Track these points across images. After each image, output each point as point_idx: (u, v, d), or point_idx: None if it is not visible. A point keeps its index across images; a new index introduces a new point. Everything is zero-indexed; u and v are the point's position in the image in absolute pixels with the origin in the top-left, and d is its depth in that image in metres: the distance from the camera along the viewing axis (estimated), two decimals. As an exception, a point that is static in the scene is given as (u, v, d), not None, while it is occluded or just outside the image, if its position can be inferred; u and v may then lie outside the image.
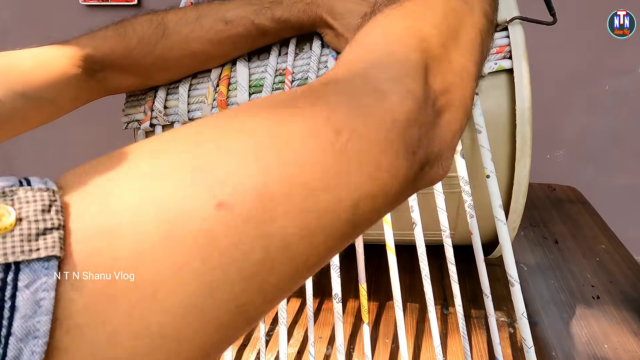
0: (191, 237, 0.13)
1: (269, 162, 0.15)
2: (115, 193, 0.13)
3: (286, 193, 0.15)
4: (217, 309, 0.14)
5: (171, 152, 0.15)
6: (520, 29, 0.42)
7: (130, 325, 0.12)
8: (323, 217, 0.16)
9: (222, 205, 0.14)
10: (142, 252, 0.13)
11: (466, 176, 0.42)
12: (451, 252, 0.42)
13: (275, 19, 0.43)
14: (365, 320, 0.43)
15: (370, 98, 0.18)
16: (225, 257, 0.14)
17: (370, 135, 0.17)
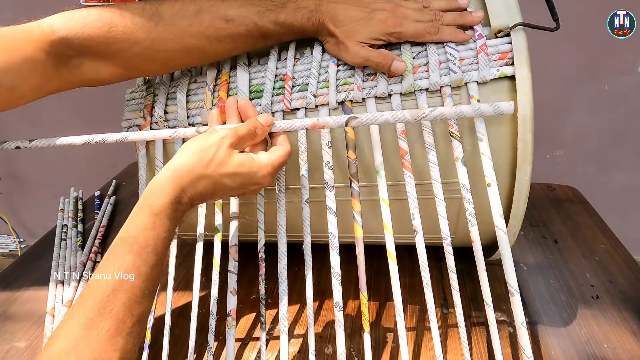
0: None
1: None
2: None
3: None
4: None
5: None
6: (522, 35, 0.42)
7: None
8: None
9: None
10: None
11: (467, 184, 0.41)
12: (452, 261, 0.42)
13: (278, 23, 0.43)
14: (366, 329, 0.43)
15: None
16: None
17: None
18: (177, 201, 0.36)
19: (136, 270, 0.33)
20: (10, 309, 0.59)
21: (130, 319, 0.31)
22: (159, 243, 0.34)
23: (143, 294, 0.33)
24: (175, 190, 0.36)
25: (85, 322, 0.30)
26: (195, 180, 0.37)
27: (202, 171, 0.37)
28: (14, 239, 1.59)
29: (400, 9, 0.43)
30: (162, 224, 0.35)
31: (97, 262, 0.66)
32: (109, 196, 0.85)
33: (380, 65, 0.42)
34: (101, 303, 0.31)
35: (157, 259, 0.34)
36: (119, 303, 0.31)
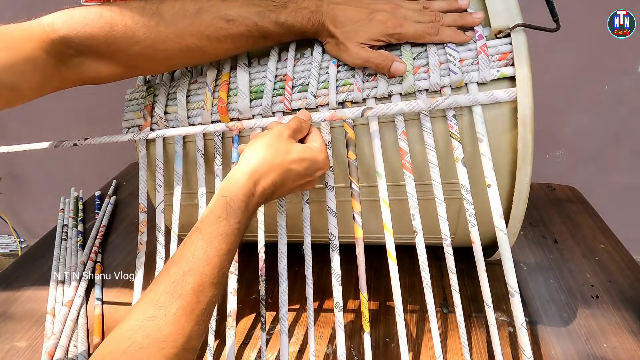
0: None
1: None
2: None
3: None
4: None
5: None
6: (523, 36, 0.42)
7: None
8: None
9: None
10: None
11: (467, 185, 0.42)
12: (452, 261, 0.42)
13: (279, 23, 0.43)
14: (367, 330, 0.43)
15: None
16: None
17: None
18: (250, 193, 0.37)
19: (206, 257, 0.34)
20: (10, 308, 0.59)
21: (198, 305, 0.32)
22: (230, 233, 0.35)
23: (212, 282, 0.33)
24: (248, 182, 0.38)
25: (156, 302, 0.31)
26: (268, 171, 0.39)
27: (272, 161, 0.39)
28: (15, 238, 1.60)
29: (400, 10, 0.43)
30: (235, 215, 0.36)
31: (97, 262, 0.67)
32: (109, 196, 0.85)
33: (380, 66, 0.42)
34: (172, 286, 0.32)
35: (227, 248, 0.35)
36: (188, 288, 0.32)
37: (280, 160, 0.39)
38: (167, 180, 0.52)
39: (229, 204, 0.36)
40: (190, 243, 0.34)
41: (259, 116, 0.47)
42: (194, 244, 0.34)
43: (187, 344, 0.30)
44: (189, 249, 0.34)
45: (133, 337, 0.29)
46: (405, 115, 0.44)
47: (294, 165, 0.40)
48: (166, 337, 0.30)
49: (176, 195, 0.50)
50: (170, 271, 0.33)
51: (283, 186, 0.40)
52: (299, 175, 0.41)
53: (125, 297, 0.60)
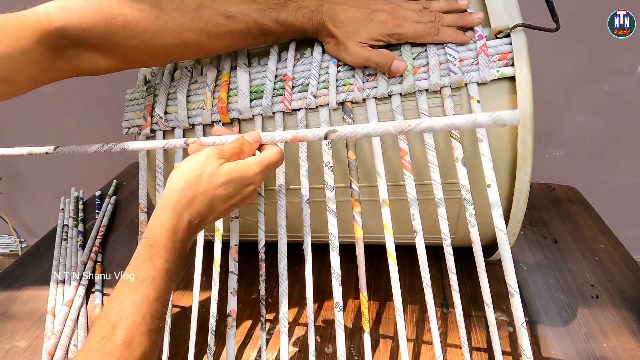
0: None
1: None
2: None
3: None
4: None
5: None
6: (522, 36, 0.42)
7: None
8: None
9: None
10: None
11: (467, 185, 0.42)
12: (452, 262, 0.42)
13: (279, 22, 0.42)
14: (366, 330, 0.43)
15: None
16: None
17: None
18: (173, 230, 0.35)
19: (134, 306, 0.32)
20: (10, 308, 0.59)
21: (131, 358, 0.31)
22: (156, 276, 0.34)
23: (143, 331, 0.32)
24: (170, 219, 0.35)
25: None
26: (189, 202, 0.36)
27: (194, 190, 0.36)
28: (15, 238, 1.60)
29: (400, 10, 0.43)
30: (159, 255, 0.34)
31: (97, 262, 0.67)
32: (109, 196, 0.85)
33: (380, 64, 0.42)
34: (101, 343, 0.31)
35: (155, 293, 0.33)
36: (118, 342, 0.31)
37: (204, 187, 0.36)
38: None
39: (153, 245, 0.34)
40: (118, 293, 0.33)
41: (259, 116, 0.47)
42: (121, 293, 0.33)
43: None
44: (117, 299, 0.33)
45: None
46: (405, 115, 0.44)
47: (220, 190, 0.37)
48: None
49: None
50: (98, 326, 0.32)
51: (211, 212, 0.38)
52: (226, 197, 0.38)
53: (126, 297, 0.60)
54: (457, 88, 0.43)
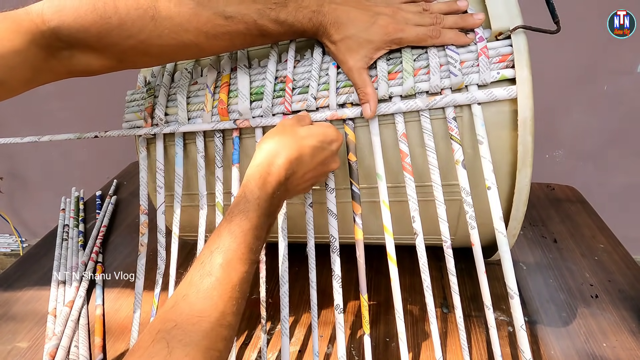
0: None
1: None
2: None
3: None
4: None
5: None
6: (523, 38, 0.41)
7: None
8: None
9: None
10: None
11: (467, 187, 0.42)
12: (452, 263, 0.42)
13: (279, 22, 0.42)
14: (367, 332, 0.44)
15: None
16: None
17: None
18: (266, 171, 0.38)
19: (230, 233, 0.34)
20: (12, 309, 0.59)
21: (229, 281, 0.32)
22: (250, 209, 0.36)
23: (239, 257, 0.34)
24: (263, 161, 0.38)
25: (189, 282, 0.32)
26: (280, 149, 0.39)
27: (282, 139, 0.39)
28: (16, 238, 1.60)
29: (400, 13, 0.43)
30: (252, 192, 0.37)
31: (98, 262, 0.67)
32: (110, 196, 0.85)
33: (358, 96, 0.44)
34: (201, 266, 0.33)
35: (249, 224, 0.35)
36: (217, 265, 0.33)
37: (290, 136, 0.39)
38: (168, 181, 0.53)
39: (246, 185, 0.37)
40: (217, 229, 0.36)
41: (260, 118, 0.47)
42: (220, 227, 0.35)
43: (221, 320, 0.31)
44: (216, 233, 0.35)
45: (168, 316, 0.30)
46: (405, 117, 0.44)
47: (306, 140, 0.40)
48: (199, 312, 0.30)
49: (177, 196, 0.51)
50: (201, 254, 0.34)
51: (301, 163, 0.40)
52: (314, 149, 0.40)
53: (126, 298, 0.60)
54: (458, 90, 0.43)
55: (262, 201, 0.37)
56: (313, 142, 0.40)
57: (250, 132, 0.49)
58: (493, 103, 0.42)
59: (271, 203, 0.38)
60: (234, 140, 0.49)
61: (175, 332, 0.29)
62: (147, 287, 0.52)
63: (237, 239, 0.34)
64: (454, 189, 0.45)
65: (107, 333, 0.54)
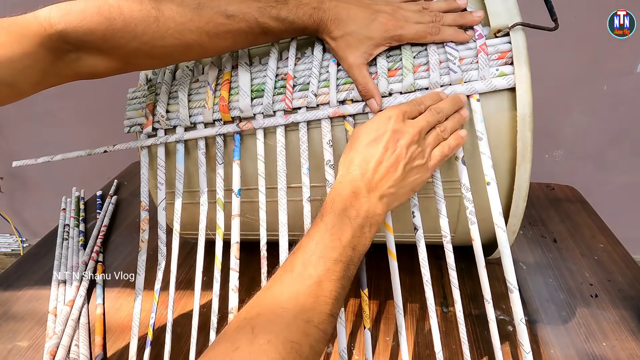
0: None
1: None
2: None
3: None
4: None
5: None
6: (522, 35, 0.42)
7: None
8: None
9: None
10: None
11: (467, 183, 0.42)
12: (452, 258, 0.42)
13: (280, 19, 0.42)
14: (367, 326, 0.44)
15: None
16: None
17: None
18: (355, 191, 0.39)
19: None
20: (12, 308, 0.59)
21: (308, 277, 0.34)
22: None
23: (321, 256, 0.35)
24: (352, 177, 0.39)
25: (275, 275, 0.35)
26: (369, 158, 0.40)
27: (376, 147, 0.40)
28: (16, 238, 1.60)
29: (400, 12, 0.43)
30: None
31: (98, 262, 0.67)
32: (110, 196, 0.85)
33: (360, 93, 0.44)
34: (287, 262, 0.36)
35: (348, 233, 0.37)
36: (299, 262, 0.35)
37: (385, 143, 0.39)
38: (169, 178, 0.53)
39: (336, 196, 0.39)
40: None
41: (260, 115, 0.47)
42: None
43: (302, 314, 0.32)
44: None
45: (253, 305, 0.33)
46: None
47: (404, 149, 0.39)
48: (282, 303, 0.32)
49: (178, 192, 0.51)
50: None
51: (394, 172, 0.39)
52: (410, 156, 0.40)
53: (127, 297, 0.60)
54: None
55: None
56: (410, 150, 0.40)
57: (252, 130, 0.49)
58: (492, 100, 0.43)
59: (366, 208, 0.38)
60: (234, 137, 0.49)
61: (259, 320, 0.31)
62: (147, 283, 0.53)
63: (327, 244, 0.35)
64: (454, 185, 0.45)
65: (108, 332, 0.54)
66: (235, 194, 0.48)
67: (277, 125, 0.47)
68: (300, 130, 0.47)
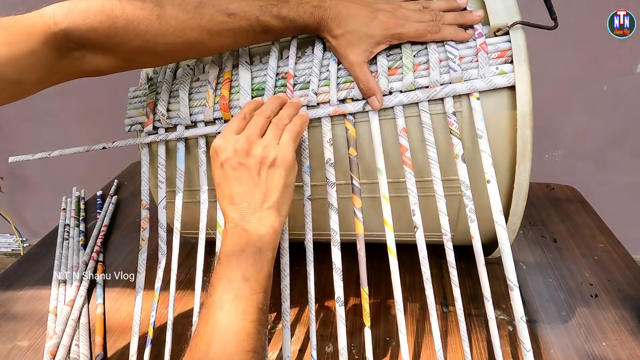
0: None
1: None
2: None
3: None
4: None
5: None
6: (521, 34, 0.42)
7: None
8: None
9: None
10: None
11: (467, 181, 0.42)
12: (452, 256, 0.42)
13: (280, 17, 0.42)
14: (367, 324, 0.44)
15: None
16: None
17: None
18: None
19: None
20: (12, 308, 0.59)
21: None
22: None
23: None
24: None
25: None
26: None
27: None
28: (17, 238, 1.60)
29: (401, 10, 0.43)
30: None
31: (99, 262, 0.67)
32: (110, 196, 0.86)
33: (362, 90, 0.44)
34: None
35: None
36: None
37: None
38: (169, 177, 0.53)
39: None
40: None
41: None
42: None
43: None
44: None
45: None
46: (405, 112, 0.44)
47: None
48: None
49: (178, 192, 0.51)
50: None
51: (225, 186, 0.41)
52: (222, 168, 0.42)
53: (127, 297, 0.60)
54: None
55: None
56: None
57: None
58: (492, 98, 0.43)
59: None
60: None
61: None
62: (147, 283, 0.53)
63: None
64: (454, 184, 0.45)
65: (108, 332, 0.54)
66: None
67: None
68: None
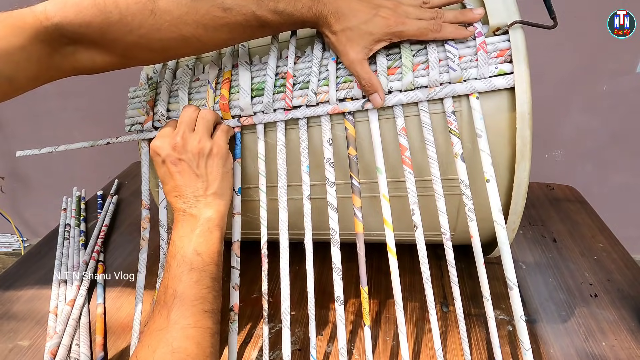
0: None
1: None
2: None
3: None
4: None
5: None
6: (521, 33, 0.42)
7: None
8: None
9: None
10: None
11: (467, 180, 0.42)
12: (451, 255, 0.42)
13: (278, 12, 0.41)
14: (367, 323, 0.44)
15: None
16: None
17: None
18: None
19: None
20: (13, 307, 0.59)
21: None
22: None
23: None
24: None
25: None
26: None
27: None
28: (17, 237, 1.60)
29: (401, 7, 0.43)
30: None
31: (99, 261, 0.67)
32: (111, 195, 0.86)
33: (363, 88, 0.43)
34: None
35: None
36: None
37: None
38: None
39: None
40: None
41: (260, 113, 0.48)
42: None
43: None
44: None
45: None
46: (405, 112, 0.44)
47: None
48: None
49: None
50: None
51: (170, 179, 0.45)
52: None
53: (127, 297, 0.60)
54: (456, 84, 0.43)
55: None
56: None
57: (251, 128, 0.49)
58: (491, 98, 0.43)
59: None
60: (235, 135, 0.49)
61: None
62: (148, 282, 0.53)
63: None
64: (453, 183, 0.46)
65: (108, 331, 0.54)
66: (235, 192, 0.48)
67: (277, 121, 0.47)
68: (300, 128, 0.47)
